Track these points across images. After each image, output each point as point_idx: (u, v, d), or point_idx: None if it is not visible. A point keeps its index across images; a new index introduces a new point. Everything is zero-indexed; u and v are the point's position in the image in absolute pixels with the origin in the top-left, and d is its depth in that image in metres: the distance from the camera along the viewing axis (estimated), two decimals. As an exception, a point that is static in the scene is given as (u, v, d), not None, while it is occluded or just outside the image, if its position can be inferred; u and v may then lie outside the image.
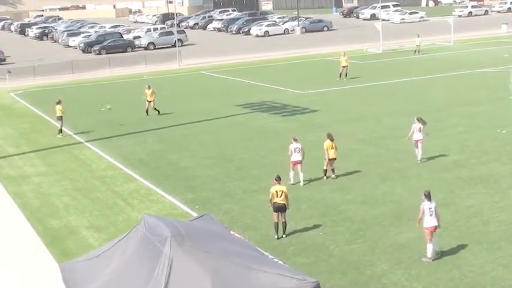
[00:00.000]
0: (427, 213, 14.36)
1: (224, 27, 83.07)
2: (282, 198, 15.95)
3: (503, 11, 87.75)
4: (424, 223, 14.46)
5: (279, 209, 16.03)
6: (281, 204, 15.97)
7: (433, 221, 14.36)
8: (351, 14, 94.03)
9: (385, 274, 14.11)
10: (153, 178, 22.03)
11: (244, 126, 29.59)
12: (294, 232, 16.59)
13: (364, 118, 27.45)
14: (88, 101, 38.05)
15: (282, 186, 16.12)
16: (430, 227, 14.37)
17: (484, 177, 20.09)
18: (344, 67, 39.98)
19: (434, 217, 14.38)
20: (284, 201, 15.98)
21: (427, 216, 14.36)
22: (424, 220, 14.43)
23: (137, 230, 12.49)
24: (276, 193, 15.98)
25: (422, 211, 14.42)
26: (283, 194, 15.96)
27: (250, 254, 12.28)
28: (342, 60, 40.22)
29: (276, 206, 16.01)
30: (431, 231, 14.37)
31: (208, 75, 47.63)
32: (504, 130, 25.68)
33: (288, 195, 16.07)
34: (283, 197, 15.96)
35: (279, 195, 15.96)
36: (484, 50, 52.29)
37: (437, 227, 14.47)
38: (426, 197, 14.52)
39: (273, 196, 16.03)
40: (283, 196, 15.96)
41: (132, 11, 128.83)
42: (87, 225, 18.10)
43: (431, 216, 14.35)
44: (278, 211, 16.05)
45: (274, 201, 16.03)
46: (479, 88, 35.53)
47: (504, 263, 14.34)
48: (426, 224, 14.41)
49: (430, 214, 14.36)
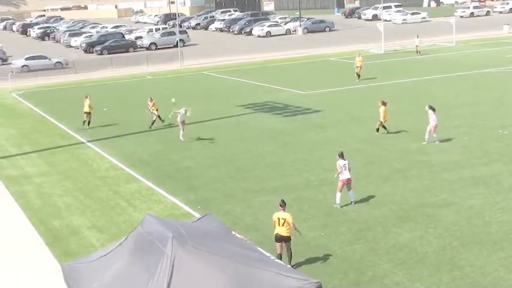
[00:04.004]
0: (342, 168, 17.60)
1: (226, 28, 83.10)
2: (284, 229, 14.05)
3: (505, 12, 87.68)
4: (340, 176, 17.71)
5: (281, 240, 14.23)
6: (283, 236, 14.12)
7: (347, 175, 17.67)
8: (353, 15, 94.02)
9: (387, 275, 14.10)
10: (155, 178, 22.05)
11: (246, 127, 29.60)
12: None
13: (366, 118, 27.46)
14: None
15: (285, 214, 14.11)
16: (344, 179, 17.69)
17: (486, 178, 20.07)
18: (358, 67, 39.89)
19: (347, 172, 17.63)
20: (286, 233, 14.09)
21: (342, 171, 17.60)
22: (340, 174, 17.66)
23: (139, 230, 12.49)
24: (278, 221, 14.10)
25: (340, 167, 17.61)
26: (286, 223, 14.04)
27: (252, 255, 12.26)
28: (357, 60, 40.17)
29: (277, 237, 14.22)
30: (344, 183, 17.71)
31: (210, 75, 47.65)
32: (506, 131, 25.65)
33: (293, 223, 14.12)
34: (286, 227, 14.04)
35: (280, 224, 14.06)
36: (486, 50, 52.25)
37: (350, 179, 17.76)
38: (340, 156, 17.79)
39: (275, 224, 14.20)
40: (286, 225, 14.03)
41: (134, 11, 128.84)
42: (89, 225, 18.11)
43: (345, 171, 17.61)
44: (280, 241, 14.28)
45: (275, 231, 14.21)
46: (481, 88, 35.51)
47: (506, 263, 14.32)
48: (342, 177, 17.69)
49: (344, 169, 17.61)
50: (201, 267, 11.17)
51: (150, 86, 43.26)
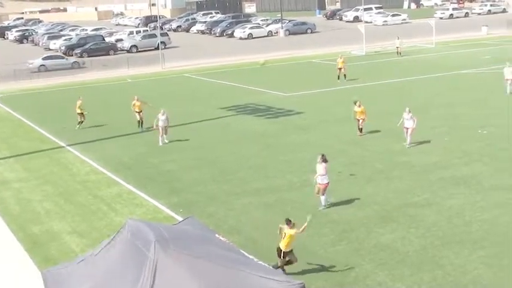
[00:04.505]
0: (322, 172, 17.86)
1: (207, 30, 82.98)
2: (283, 243, 13.97)
3: (484, 13, 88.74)
4: (319, 180, 17.86)
5: (279, 253, 14.11)
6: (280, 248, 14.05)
7: (326, 179, 17.83)
8: (334, 16, 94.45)
9: (369, 275, 14.16)
10: (136, 182, 21.90)
11: (229, 129, 29.55)
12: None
13: (348, 119, 27.54)
14: (69, 105, 37.76)
15: (290, 230, 13.92)
16: (322, 183, 17.88)
17: (466, 178, 20.24)
18: (339, 69, 40.24)
19: (326, 176, 17.82)
20: (284, 247, 13.96)
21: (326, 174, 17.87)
22: (324, 178, 17.82)
23: (121, 234, 12.40)
24: (281, 233, 14.05)
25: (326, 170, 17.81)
26: (285, 236, 13.91)
27: (235, 257, 12.24)
28: (339, 62, 40.50)
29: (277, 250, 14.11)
30: (324, 188, 17.90)
31: (192, 77, 47.53)
32: (485, 131, 25.91)
33: (289, 240, 13.88)
34: (285, 241, 13.91)
35: (282, 236, 14.02)
36: (465, 51, 52.79)
37: (328, 183, 17.96)
38: (322, 159, 17.93)
39: (280, 235, 14.17)
40: (286, 239, 13.89)
41: (115, 14, 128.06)
42: (70, 230, 17.91)
43: (324, 176, 17.85)
44: (279, 257, 14.16)
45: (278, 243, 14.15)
46: (461, 89, 35.83)
47: (486, 262, 14.46)
48: (320, 181, 17.86)
49: (324, 174, 17.84)
50: (183, 271, 11.13)
51: (131, 88, 42.98)
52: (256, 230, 17.07)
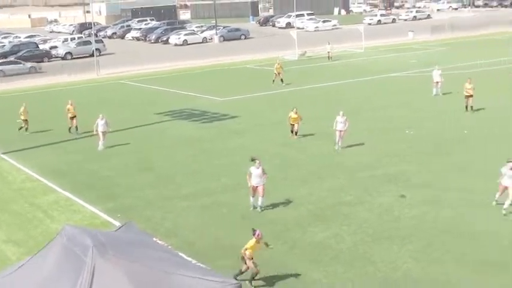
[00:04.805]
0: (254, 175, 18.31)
1: (143, 37, 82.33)
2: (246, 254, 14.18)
3: (409, 19, 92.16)
4: (252, 182, 18.30)
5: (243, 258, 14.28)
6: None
7: (256, 181, 18.28)
8: (267, 23, 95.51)
9: (305, 273, 14.55)
10: (73, 188, 21.75)
11: (164, 134, 29.67)
12: (216, 236, 16.94)
13: (282, 123, 28.21)
14: (2, 112, 36.88)
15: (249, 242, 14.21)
16: (254, 185, 18.33)
17: (396, 176, 21.16)
18: (276, 74, 41.09)
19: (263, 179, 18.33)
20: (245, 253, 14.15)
21: (253, 177, 18.29)
22: (251, 180, 18.29)
23: (57, 241, 12.35)
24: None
25: (250, 174, 18.33)
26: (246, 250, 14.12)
27: (173, 260, 12.43)
28: (276, 66, 41.49)
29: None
30: (255, 189, 18.34)
31: (128, 84, 47.19)
32: (412, 131, 27.14)
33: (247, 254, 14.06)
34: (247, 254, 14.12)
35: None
36: (393, 56, 54.70)
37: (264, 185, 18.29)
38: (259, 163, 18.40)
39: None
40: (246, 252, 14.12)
41: (49, 21, 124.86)
42: (5, 239, 17.66)
43: (256, 178, 18.28)
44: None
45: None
46: (389, 92, 37.20)
47: (414, 256, 15.19)
48: (253, 183, 18.32)
49: (256, 176, 18.27)
50: (121, 275, 11.20)
51: (66, 95, 42.26)
52: (193, 232, 17.36)
